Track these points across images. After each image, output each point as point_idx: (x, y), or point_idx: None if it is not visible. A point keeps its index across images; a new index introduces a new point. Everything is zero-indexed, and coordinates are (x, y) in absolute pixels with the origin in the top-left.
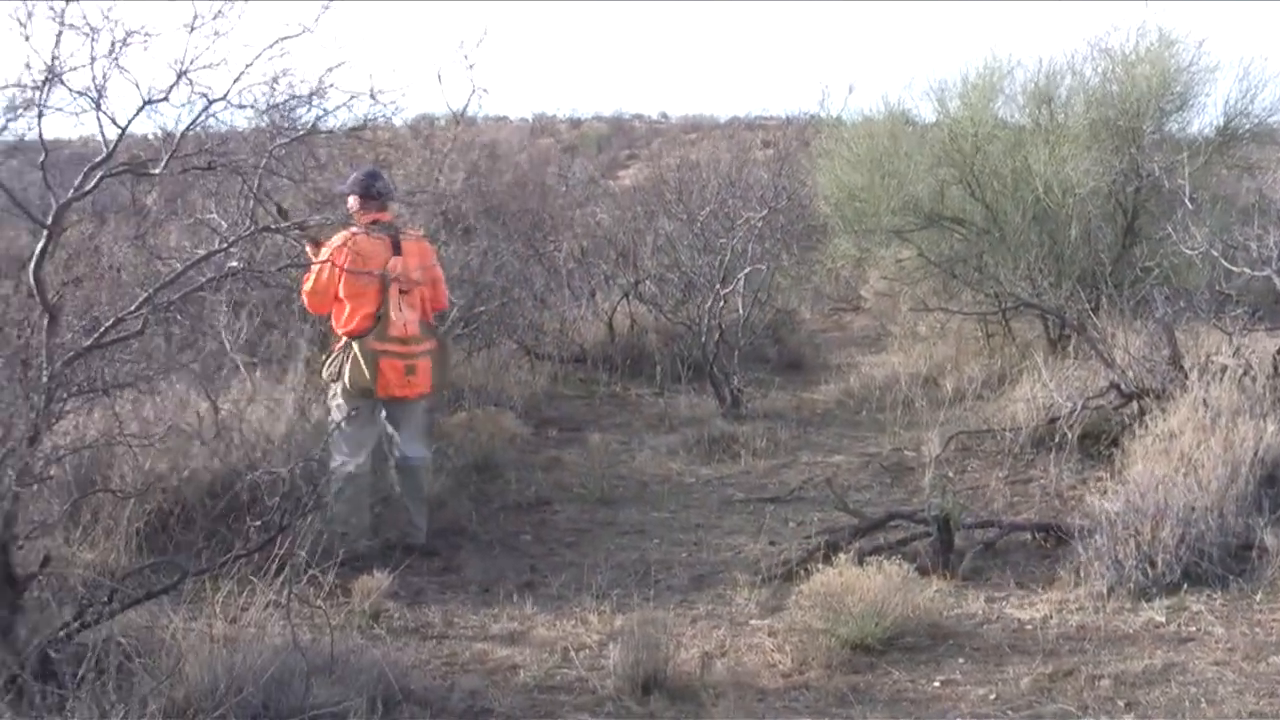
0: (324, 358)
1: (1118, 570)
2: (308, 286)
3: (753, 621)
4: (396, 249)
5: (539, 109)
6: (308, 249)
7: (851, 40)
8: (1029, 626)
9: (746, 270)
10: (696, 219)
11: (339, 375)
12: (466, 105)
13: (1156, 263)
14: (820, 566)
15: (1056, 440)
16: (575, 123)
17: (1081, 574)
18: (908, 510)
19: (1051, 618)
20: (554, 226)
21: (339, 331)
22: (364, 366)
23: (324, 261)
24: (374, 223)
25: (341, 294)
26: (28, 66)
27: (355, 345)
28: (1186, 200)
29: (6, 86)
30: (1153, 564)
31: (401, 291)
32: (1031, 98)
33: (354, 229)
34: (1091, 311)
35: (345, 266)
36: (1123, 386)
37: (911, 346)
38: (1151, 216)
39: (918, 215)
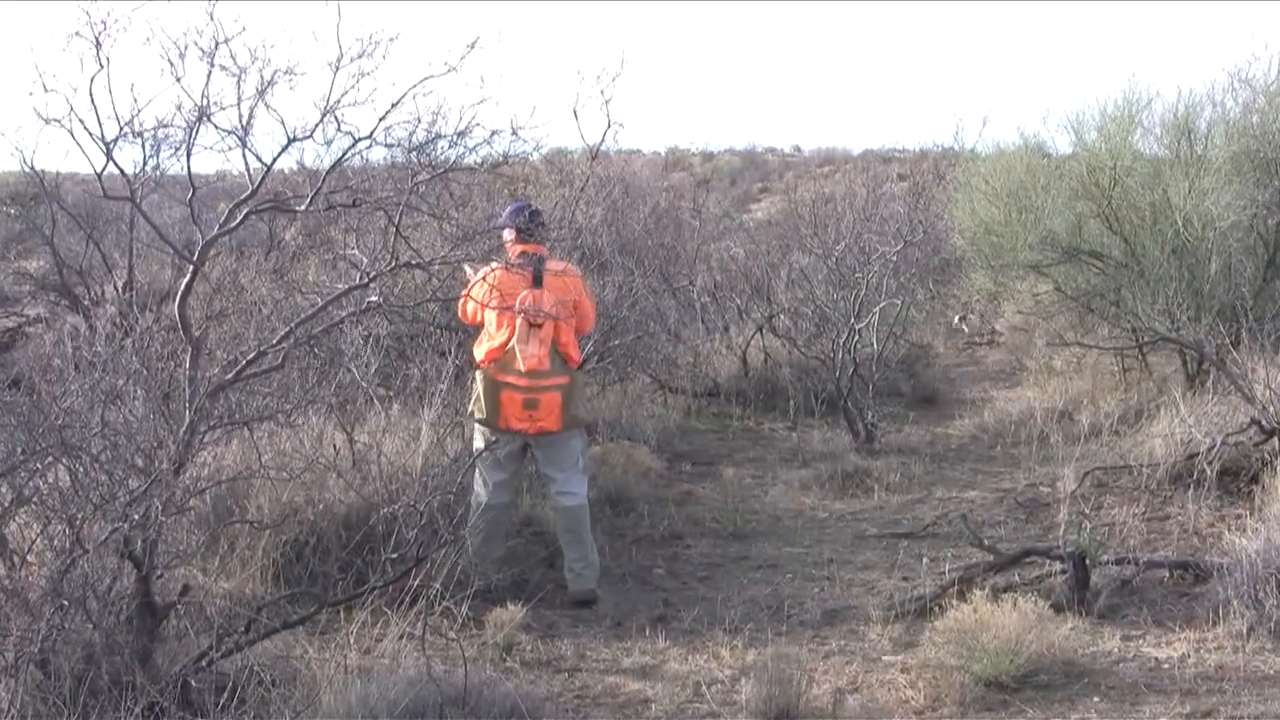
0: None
1: (1258, 609)
2: (464, 314)
3: (886, 657)
4: (538, 282)
5: (672, 142)
6: (469, 273)
7: (986, 71)
8: (1166, 665)
9: (881, 304)
10: (831, 253)
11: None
12: (602, 140)
13: None
14: (954, 602)
15: (1195, 477)
16: (708, 156)
17: (1220, 612)
18: (1043, 546)
19: (1189, 657)
20: (688, 261)
21: (474, 362)
22: (484, 398)
23: (468, 291)
24: (523, 254)
25: (483, 321)
26: (178, 107)
27: (480, 376)
28: None
29: (159, 126)
30: None
31: (531, 325)
32: (1170, 130)
33: (496, 263)
34: (1231, 346)
35: (483, 300)
36: (1263, 422)
37: (1047, 381)
38: None
39: (1054, 249)
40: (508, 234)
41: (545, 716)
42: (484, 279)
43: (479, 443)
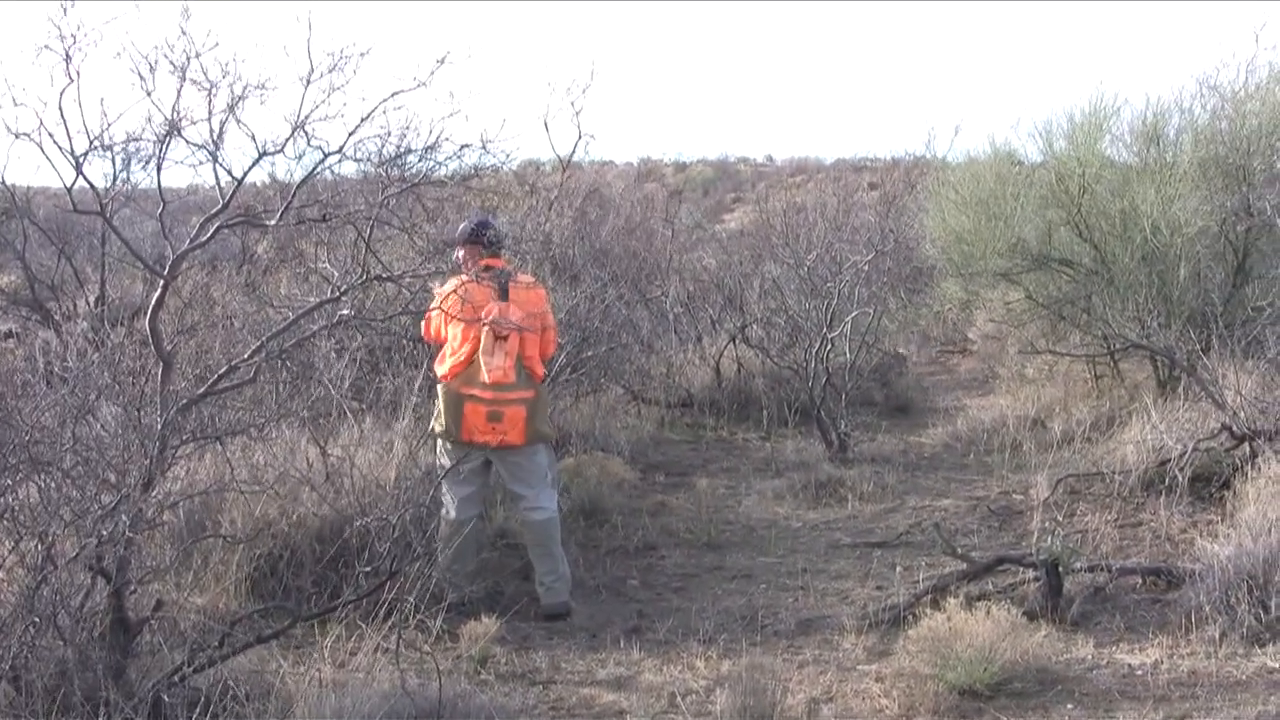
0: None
1: (1230, 615)
2: (427, 332)
3: (860, 667)
4: (504, 295)
5: (644, 153)
6: (435, 290)
7: (959, 80)
8: (1139, 672)
9: (853, 314)
10: (803, 263)
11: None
12: (573, 151)
13: (1269, 302)
14: (928, 611)
15: (1167, 483)
16: (681, 166)
17: (1193, 619)
18: (1016, 554)
19: (1163, 663)
20: (660, 271)
21: (435, 375)
22: (446, 411)
23: (434, 307)
24: (486, 269)
25: (445, 338)
26: (149, 121)
27: (442, 390)
28: None
29: (129, 140)
30: (1266, 608)
31: (497, 337)
32: (1139, 137)
33: (465, 276)
34: (1202, 352)
35: (452, 312)
36: (1234, 428)
37: (1019, 389)
38: (1263, 255)
39: (1025, 257)
40: (460, 252)
41: None
42: (454, 292)
43: (445, 459)
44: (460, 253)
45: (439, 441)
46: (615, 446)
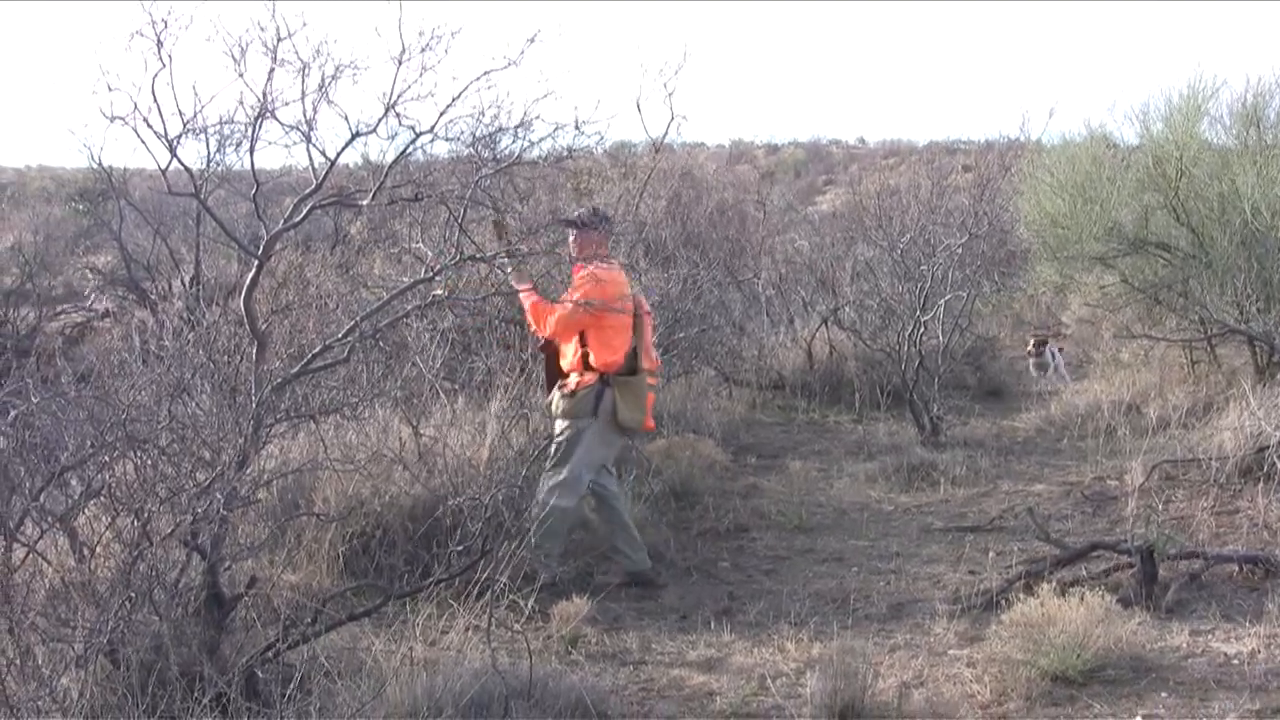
0: (561, 392)
1: None
2: (552, 320)
3: (951, 651)
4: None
5: (736, 135)
6: (510, 277)
7: (1053, 63)
8: (1235, 661)
9: (947, 297)
10: (896, 245)
11: (600, 411)
12: (666, 133)
13: None
14: (1021, 597)
15: (1265, 470)
16: (772, 148)
17: None
18: (1110, 541)
19: (1259, 652)
20: (753, 254)
21: (596, 366)
22: (637, 399)
23: (574, 299)
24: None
25: (585, 329)
26: (241, 102)
27: (626, 380)
28: None
29: (222, 122)
30: None
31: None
32: (1239, 118)
33: (597, 264)
34: None
35: (613, 302)
36: None
37: (1114, 374)
38: None
39: (1121, 241)
40: (584, 236)
41: (610, 709)
42: (596, 283)
43: (603, 449)
44: (582, 238)
45: (585, 428)
46: (707, 428)
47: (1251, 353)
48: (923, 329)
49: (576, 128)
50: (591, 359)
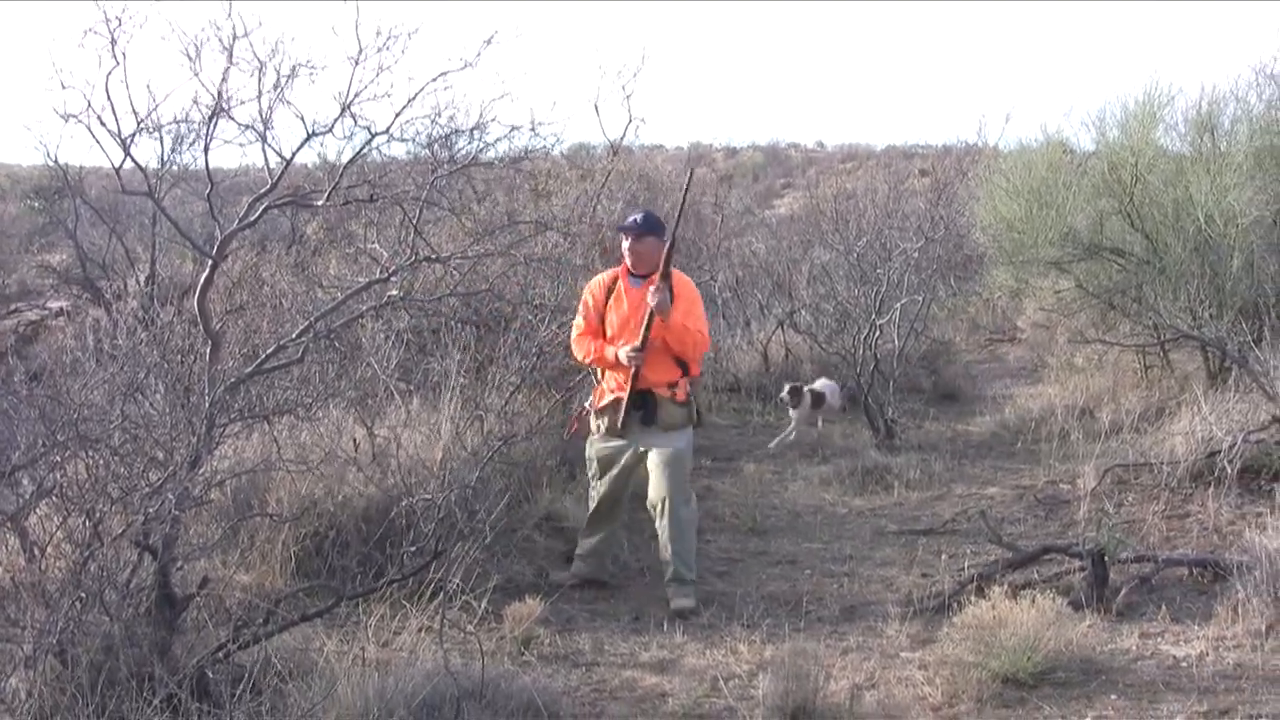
0: (674, 402)
1: (1277, 607)
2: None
3: (903, 654)
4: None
5: (695, 138)
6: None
7: (1011, 69)
8: (1184, 664)
9: (903, 301)
10: (853, 249)
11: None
12: (624, 135)
13: None
14: (973, 599)
15: (1215, 475)
16: (731, 151)
17: (1239, 611)
18: (1062, 544)
19: (1208, 655)
20: (710, 256)
21: (691, 373)
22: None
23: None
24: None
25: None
26: (196, 101)
27: (692, 385)
28: None
29: (176, 121)
30: None
31: None
32: (1194, 126)
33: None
34: (1253, 343)
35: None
36: None
37: (1068, 378)
38: None
39: (1076, 246)
40: (642, 242)
41: (562, 710)
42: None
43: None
44: (642, 248)
45: (692, 433)
46: None
47: (1204, 358)
48: (878, 332)
49: (533, 129)
50: (689, 367)
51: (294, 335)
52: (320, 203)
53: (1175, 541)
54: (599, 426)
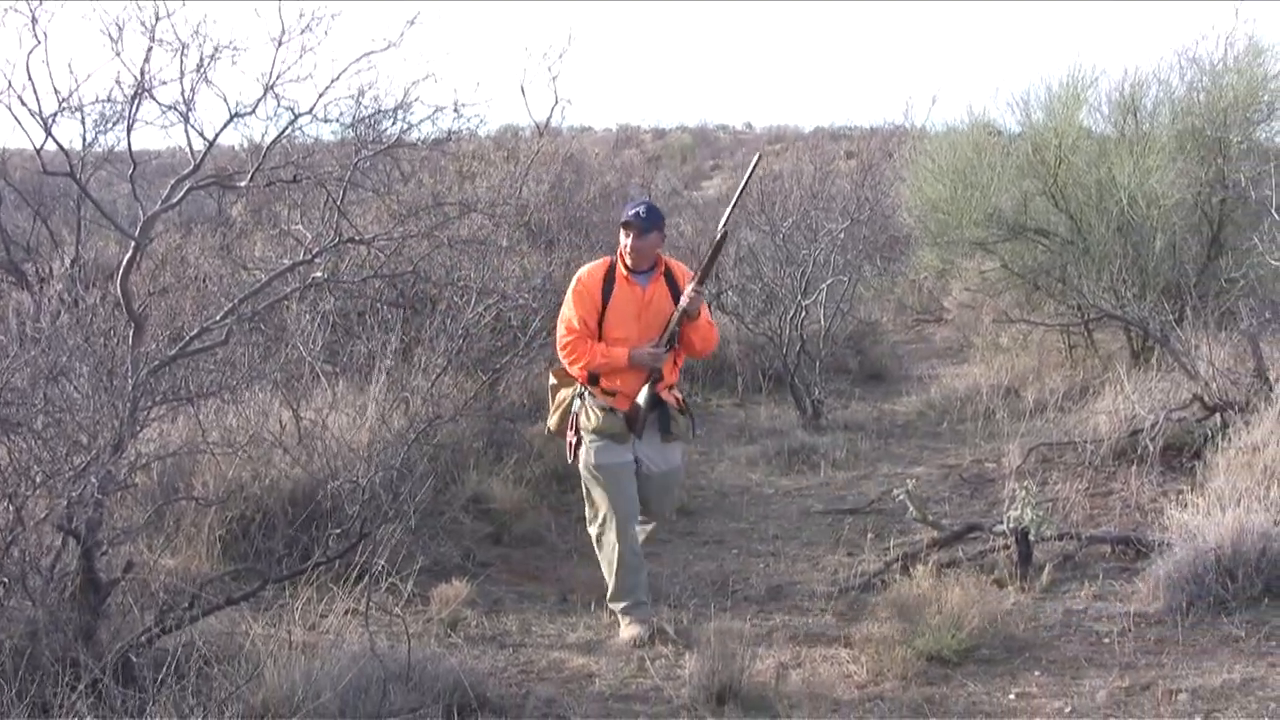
0: (677, 407)
1: (1198, 584)
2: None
3: (829, 633)
4: None
5: (623, 120)
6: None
7: (938, 50)
8: (1106, 639)
9: (829, 281)
10: (779, 230)
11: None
12: (550, 116)
13: (1242, 274)
14: (898, 578)
15: (1138, 452)
16: (660, 133)
17: (1161, 587)
18: (987, 522)
19: (1130, 631)
20: None
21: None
22: None
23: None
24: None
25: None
26: (118, 81)
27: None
28: (1273, 211)
29: (97, 101)
30: (1233, 577)
31: None
32: (1117, 107)
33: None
34: (1175, 323)
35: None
36: (1206, 399)
37: (993, 358)
38: (1237, 227)
39: (1001, 226)
40: (645, 239)
41: (489, 691)
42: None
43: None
44: (646, 242)
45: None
46: None
47: (1127, 338)
48: (805, 313)
49: (456, 110)
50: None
51: (218, 317)
52: (244, 184)
53: (1098, 519)
54: (602, 423)
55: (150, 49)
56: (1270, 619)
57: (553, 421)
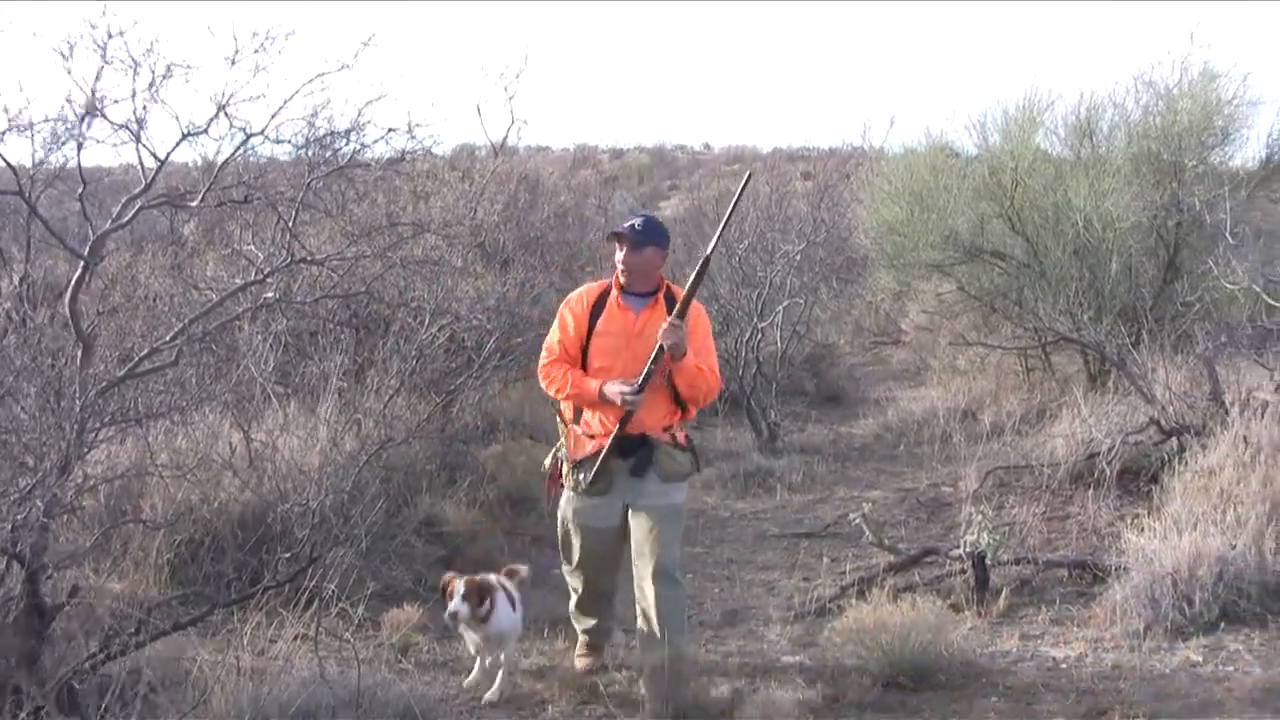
0: (677, 448)
1: (1154, 608)
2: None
3: (785, 658)
4: None
5: (581, 139)
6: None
7: (895, 72)
8: (1064, 665)
9: (785, 303)
10: (735, 251)
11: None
12: (506, 136)
13: (1198, 297)
14: (854, 603)
15: (1095, 476)
16: (617, 153)
17: (1117, 612)
18: (944, 546)
19: (1086, 656)
20: (592, 258)
21: (689, 416)
22: None
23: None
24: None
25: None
26: (69, 100)
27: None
28: (1228, 234)
29: (47, 120)
30: (1190, 602)
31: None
32: (1073, 131)
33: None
34: (1132, 346)
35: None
36: (1163, 422)
37: (950, 380)
38: (1193, 251)
39: (958, 249)
40: (642, 253)
41: (440, 718)
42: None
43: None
44: (645, 259)
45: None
46: (543, 434)
47: (1084, 361)
48: (761, 335)
49: (410, 131)
50: (687, 407)
51: (168, 338)
52: (195, 203)
53: (1056, 543)
54: (577, 482)
55: (102, 68)
56: (1227, 643)
57: (547, 461)
